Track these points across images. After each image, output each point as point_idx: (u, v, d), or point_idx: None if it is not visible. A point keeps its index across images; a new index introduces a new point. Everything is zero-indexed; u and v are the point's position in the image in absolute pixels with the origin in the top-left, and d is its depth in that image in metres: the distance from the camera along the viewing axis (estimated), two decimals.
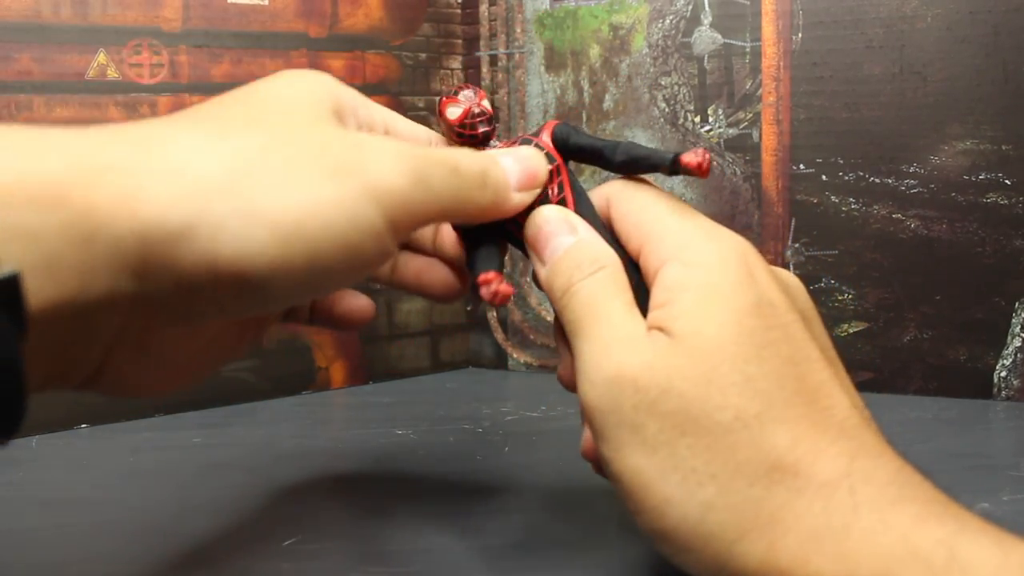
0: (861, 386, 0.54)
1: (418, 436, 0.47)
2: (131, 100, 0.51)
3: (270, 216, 0.23)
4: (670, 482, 0.24)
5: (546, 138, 0.31)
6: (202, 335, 0.29)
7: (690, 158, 0.29)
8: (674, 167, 0.29)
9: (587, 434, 0.29)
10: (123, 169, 0.22)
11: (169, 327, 0.26)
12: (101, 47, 0.50)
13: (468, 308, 0.64)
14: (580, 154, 0.31)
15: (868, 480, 0.23)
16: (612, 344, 0.26)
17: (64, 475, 0.42)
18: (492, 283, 0.29)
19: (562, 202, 0.30)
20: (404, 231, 0.26)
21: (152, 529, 0.35)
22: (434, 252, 0.35)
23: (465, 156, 0.28)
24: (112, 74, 0.51)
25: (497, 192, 0.28)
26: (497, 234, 0.31)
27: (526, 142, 0.31)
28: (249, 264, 0.23)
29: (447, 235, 0.34)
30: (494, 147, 0.31)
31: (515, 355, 0.63)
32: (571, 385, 0.29)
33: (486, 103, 0.32)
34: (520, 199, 0.29)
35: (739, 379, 0.24)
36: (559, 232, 0.29)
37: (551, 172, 0.30)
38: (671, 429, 0.24)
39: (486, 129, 0.31)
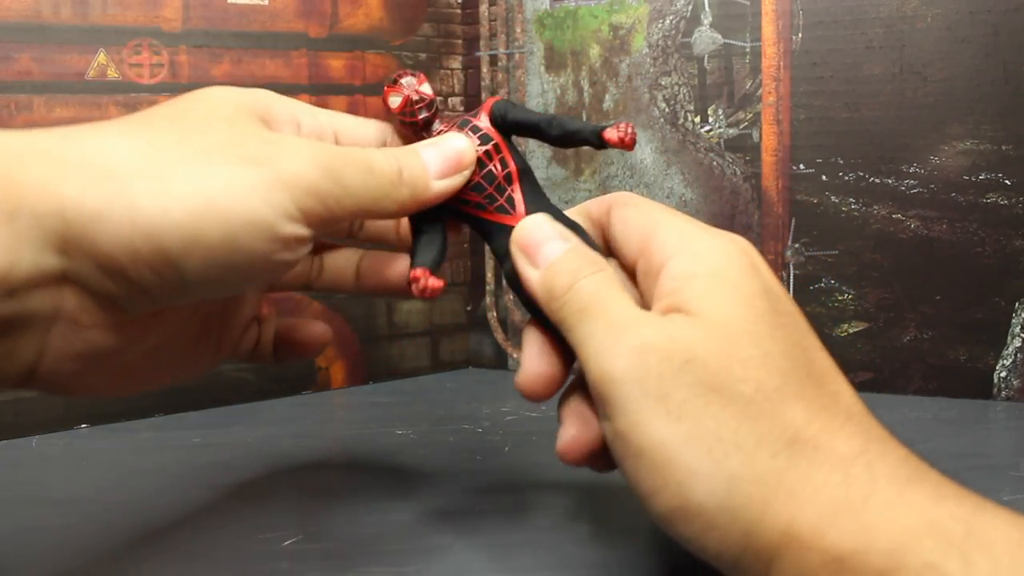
0: (861, 386, 0.54)
1: (418, 436, 0.47)
2: (131, 100, 0.51)
3: (183, 194, 0.25)
4: (695, 453, 0.24)
5: (484, 118, 0.32)
6: (146, 336, 0.29)
7: (611, 134, 0.30)
8: (600, 142, 0.31)
9: (571, 432, 0.28)
10: (47, 156, 0.25)
11: (102, 316, 0.26)
12: (101, 47, 0.50)
13: (468, 308, 0.64)
14: (518, 129, 0.32)
15: (883, 459, 0.23)
16: (631, 321, 0.26)
17: (64, 475, 0.42)
18: (419, 280, 0.30)
19: (507, 177, 0.31)
20: (318, 223, 0.28)
21: (152, 529, 0.35)
22: (399, 243, 0.36)
23: (379, 156, 0.29)
24: (112, 74, 0.51)
25: (415, 187, 0.30)
26: (440, 218, 0.32)
27: (464, 123, 0.32)
28: (166, 239, 0.25)
29: (406, 226, 0.34)
30: (437, 130, 0.32)
31: (515, 355, 0.63)
32: (534, 393, 0.30)
33: (426, 88, 0.32)
34: (442, 187, 0.30)
35: (757, 354, 0.25)
36: (552, 238, 0.29)
37: (489, 151, 0.31)
38: (696, 398, 0.24)
39: (427, 115, 0.32)
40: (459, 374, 0.63)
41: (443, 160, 0.31)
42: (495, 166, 0.31)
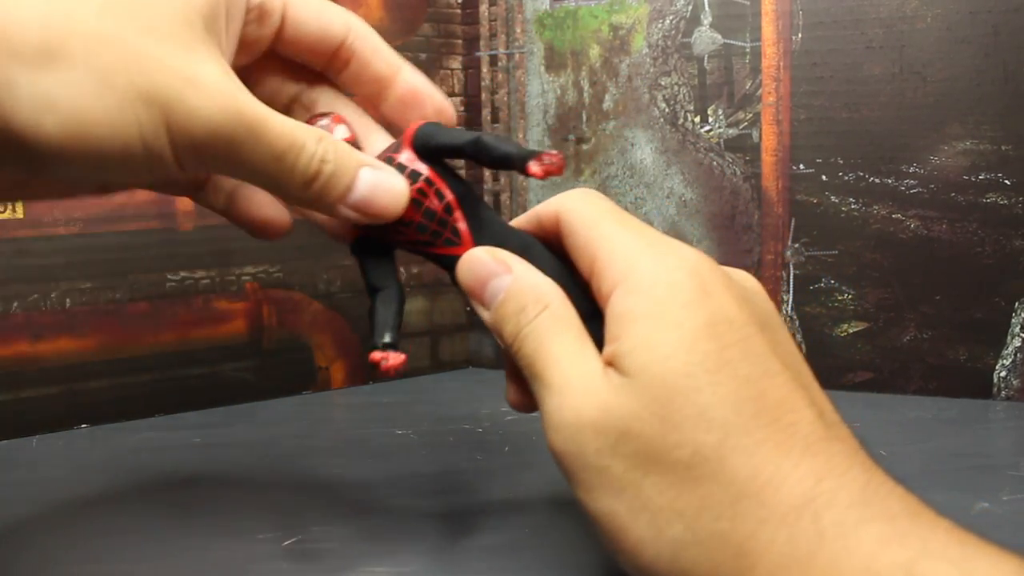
0: (861, 386, 0.54)
1: (418, 436, 0.47)
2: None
3: (63, 111, 0.25)
4: (640, 522, 0.24)
5: (407, 152, 0.30)
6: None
7: (535, 167, 0.28)
8: (525, 172, 0.28)
9: (516, 387, 0.31)
10: None
11: None
12: None
13: (468, 308, 0.64)
14: (444, 154, 0.30)
15: (832, 503, 0.23)
16: (567, 390, 0.26)
17: (64, 475, 0.42)
18: (380, 363, 0.29)
19: (447, 208, 0.30)
20: (194, 172, 0.27)
21: (152, 529, 0.35)
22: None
23: (301, 148, 0.27)
24: None
25: (322, 200, 0.28)
26: (387, 252, 0.31)
27: (388, 161, 0.30)
28: (36, 146, 0.25)
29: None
30: None
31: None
32: (521, 408, 0.31)
33: (341, 130, 0.31)
34: (347, 216, 0.29)
35: (693, 412, 0.24)
36: (493, 273, 0.29)
37: (421, 188, 0.29)
38: (634, 469, 0.25)
39: None
40: (459, 374, 0.63)
41: (372, 195, 0.29)
42: (432, 201, 0.30)
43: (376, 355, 0.29)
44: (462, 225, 0.30)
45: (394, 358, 0.29)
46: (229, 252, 0.54)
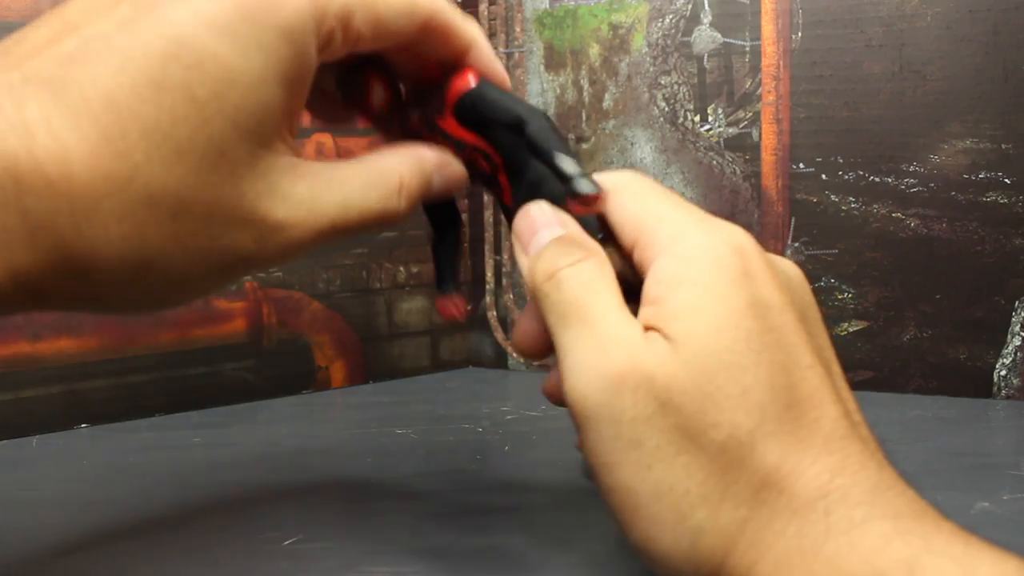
0: (861, 385, 0.54)
1: (418, 436, 0.47)
2: None
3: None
4: (663, 504, 0.24)
5: (450, 119, 0.29)
6: None
7: (573, 205, 0.27)
8: (569, 193, 0.28)
9: (529, 322, 0.29)
10: None
11: None
12: None
13: (468, 308, 0.64)
14: (487, 127, 0.29)
15: (843, 499, 0.23)
16: (608, 343, 0.25)
17: (64, 475, 0.42)
18: (441, 310, 0.32)
19: (495, 169, 0.29)
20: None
21: (152, 529, 0.35)
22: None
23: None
24: None
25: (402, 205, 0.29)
26: (451, 218, 0.32)
27: (432, 127, 0.30)
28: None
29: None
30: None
31: (515, 355, 0.63)
32: (524, 350, 0.29)
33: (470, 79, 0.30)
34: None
35: (735, 391, 0.24)
36: (546, 224, 0.28)
37: (468, 158, 0.30)
38: (668, 446, 0.24)
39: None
40: (459, 374, 0.63)
41: (441, 190, 0.30)
42: (481, 164, 0.30)
43: (439, 302, 0.32)
44: (506, 185, 0.30)
45: (453, 305, 0.31)
46: None
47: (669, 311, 0.25)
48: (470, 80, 0.29)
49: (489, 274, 0.63)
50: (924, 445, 0.44)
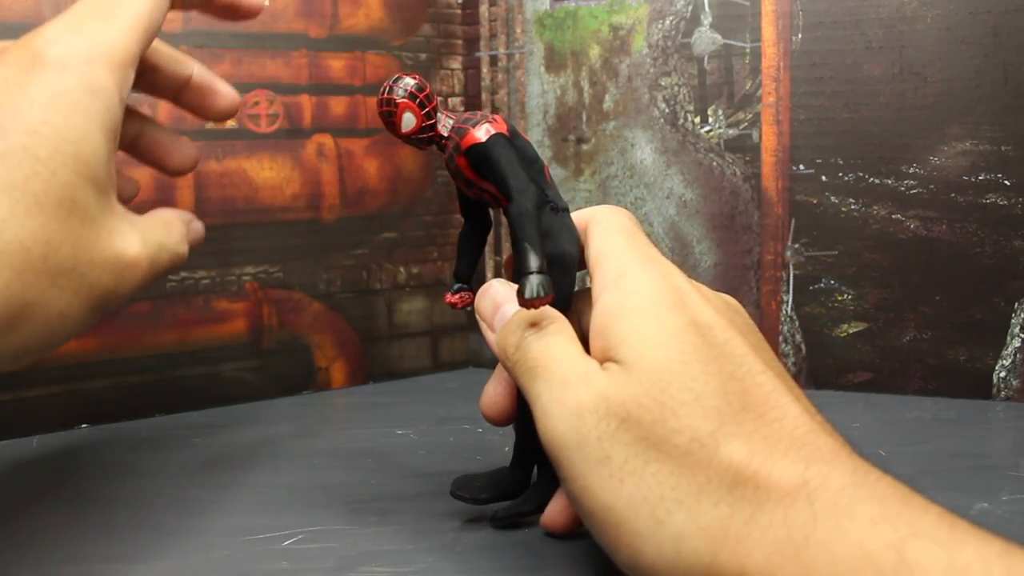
0: (860, 386, 0.54)
1: (418, 436, 0.47)
2: (131, 100, 0.51)
3: None
4: (640, 516, 0.25)
5: (465, 165, 0.32)
6: None
7: (519, 299, 0.29)
8: (518, 289, 0.29)
9: (495, 389, 0.33)
10: None
11: None
12: None
13: (468, 308, 0.64)
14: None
15: (824, 486, 0.23)
16: (569, 381, 0.27)
17: (64, 475, 0.42)
18: (450, 304, 0.35)
19: (499, 203, 0.32)
20: None
21: (152, 529, 0.35)
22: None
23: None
24: None
25: None
26: (477, 212, 0.35)
27: (451, 159, 0.32)
28: None
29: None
30: (443, 124, 0.33)
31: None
32: (489, 417, 0.33)
33: (412, 84, 0.32)
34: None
35: (689, 398, 0.25)
36: (507, 300, 0.31)
37: (479, 193, 0.33)
38: (635, 457, 0.25)
39: (433, 120, 0.33)
40: (459, 374, 0.63)
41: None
42: (487, 199, 0.33)
43: (448, 297, 0.35)
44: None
45: (460, 300, 0.34)
46: (229, 252, 0.54)
47: (615, 339, 0.27)
48: (481, 135, 0.31)
49: (489, 275, 0.63)
50: (924, 446, 0.44)
